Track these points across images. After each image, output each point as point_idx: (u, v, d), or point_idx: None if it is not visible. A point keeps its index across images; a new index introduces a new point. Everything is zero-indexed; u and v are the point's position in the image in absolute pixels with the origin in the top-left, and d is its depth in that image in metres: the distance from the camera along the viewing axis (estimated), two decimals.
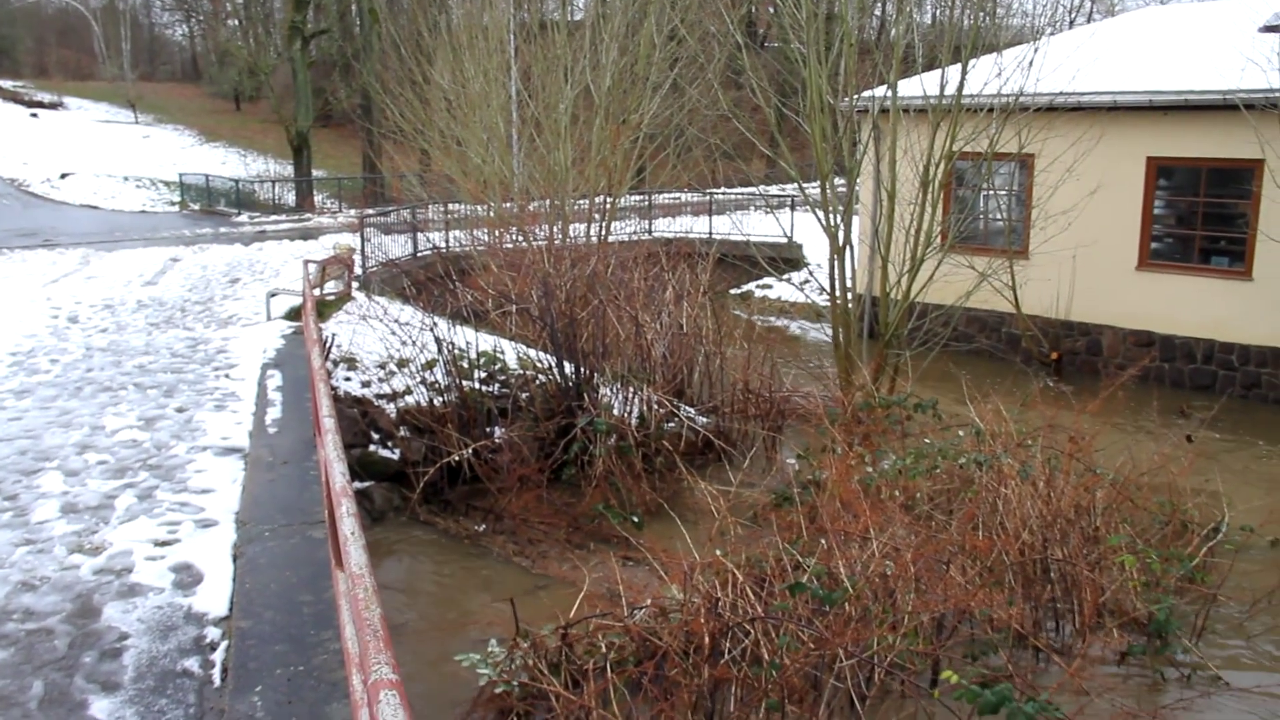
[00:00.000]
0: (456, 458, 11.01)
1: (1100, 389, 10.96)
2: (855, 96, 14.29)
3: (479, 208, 21.07)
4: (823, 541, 7.63)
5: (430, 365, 12.11)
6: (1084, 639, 7.89)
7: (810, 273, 22.25)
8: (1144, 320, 17.72)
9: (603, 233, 19.77)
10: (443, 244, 22.19)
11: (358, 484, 10.94)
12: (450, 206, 23.96)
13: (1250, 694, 7.86)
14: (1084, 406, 9.90)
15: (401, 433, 11.55)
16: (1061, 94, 16.23)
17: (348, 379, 12.19)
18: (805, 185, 14.81)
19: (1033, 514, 8.34)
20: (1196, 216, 17.48)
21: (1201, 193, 17.34)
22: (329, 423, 6.69)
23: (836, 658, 6.69)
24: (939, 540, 7.96)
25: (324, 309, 15.14)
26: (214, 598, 6.45)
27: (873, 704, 7.06)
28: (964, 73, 13.43)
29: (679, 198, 31.57)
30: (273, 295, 16.65)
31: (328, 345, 12.41)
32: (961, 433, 10.15)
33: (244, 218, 36.03)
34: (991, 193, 19.16)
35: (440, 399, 11.83)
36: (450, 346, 12.09)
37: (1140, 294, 17.70)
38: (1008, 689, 6.33)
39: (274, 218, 36.24)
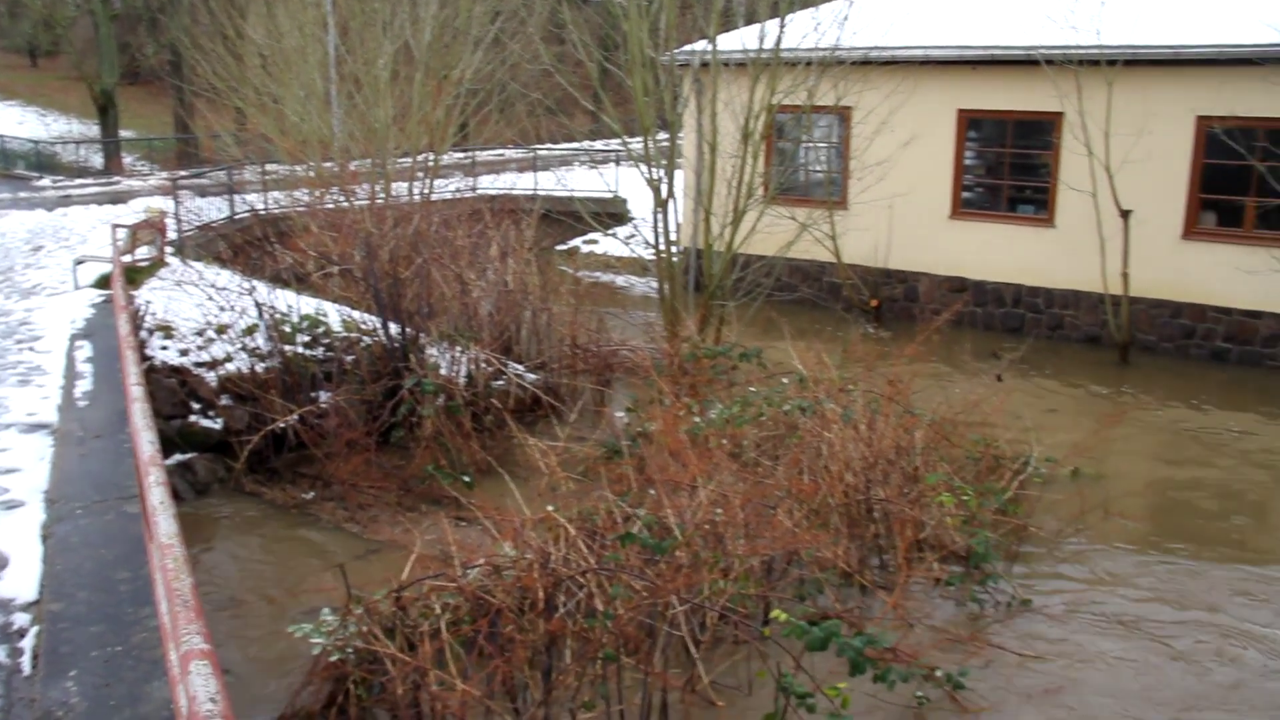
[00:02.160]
0: (282, 425, 10.73)
1: (917, 334, 11.34)
2: (676, 51, 14.37)
3: (298, 167, 20.45)
4: (652, 492, 7.73)
5: (251, 331, 11.76)
6: (906, 573, 8.20)
7: (635, 227, 22.37)
8: (958, 267, 18.41)
9: (426, 191, 19.44)
10: (261, 206, 21.50)
11: (179, 456, 10.58)
12: (268, 167, 23.21)
13: (1057, 613, 8.34)
14: (902, 351, 10.25)
15: (223, 401, 11.20)
16: (876, 48, 16.63)
17: (164, 348, 11.73)
18: (629, 140, 14.84)
19: (855, 456, 8.61)
20: (1004, 167, 18.21)
21: (1008, 144, 18.06)
22: (137, 391, 6.44)
23: (669, 605, 6.79)
24: (766, 485, 8.16)
25: (136, 276, 14.51)
26: (21, 582, 6.14)
27: (707, 648, 7.22)
28: (782, 27, 13.63)
29: (503, 154, 31.28)
30: (80, 263, 15.87)
31: (141, 313, 11.92)
32: (785, 380, 10.38)
33: (46, 181, 34.10)
34: (811, 145, 19.56)
35: (262, 365, 11.50)
36: (271, 311, 11.75)
37: (954, 242, 18.37)
38: (835, 625, 6.54)
39: (79, 181, 34.40)
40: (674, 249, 14.03)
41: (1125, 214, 15.90)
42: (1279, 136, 15.14)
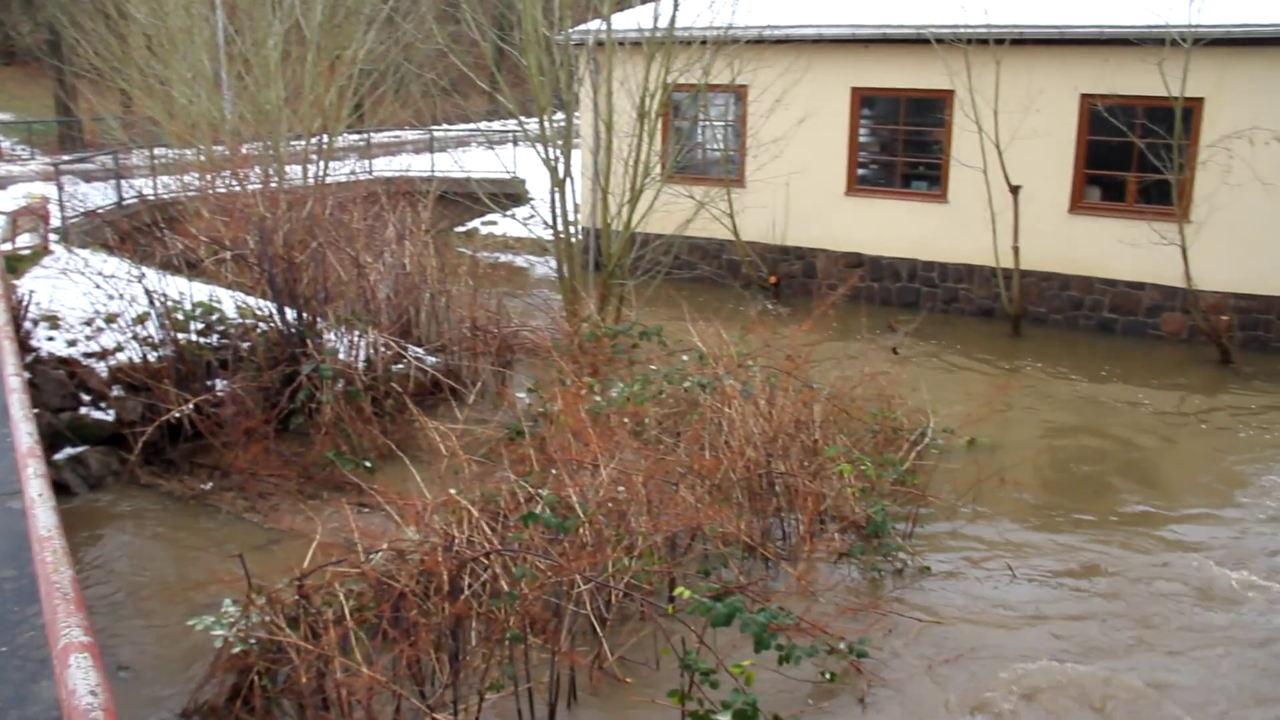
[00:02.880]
0: (177, 414, 10.50)
1: (815, 309, 11.49)
2: (571, 30, 14.34)
3: (188, 151, 19.96)
4: (554, 472, 7.74)
5: (142, 319, 11.48)
6: (808, 545, 8.34)
7: (534, 208, 22.28)
8: (854, 243, 18.68)
9: (320, 174, 19.13)
10: (150, 191, 20.95)
11: (70, 449, 10.29)
12: (156, 151, 22.60)
13: (956, 579, 8.56)
14: (800, 326, 10.38)
15: (115, 392, 10.92)
16: (770, 27, 16.78)
17: (50, 338, 11.38)
18: (525, 120, 14.77)
19: (755, 431, 8.72)
20: (898, 144, 18.51)
21: (901, 121, 18.35)
22: (14, 382, 6.26)
23: (574, 584, 6.83)
24: (668, 462, 8.22)
25: (17, 264, 14.04)
26: None
27: (614, 626, 7.27)
28: (676, 6, 13.66)
29: (400, 136, 30.88)
30: None
31: (24, 303, 11.56)
32: (685, 357, 10.45)
33: None
34: (707, 123, 19.67)
35: (155, 354, 11.23)
36: (162, 298, 11.47)
37: (849, 218, 18.63)
38: (739, 600, 6.63)
39: None
40: (573, 229, 14.02)
41: (1015, 189, 16.27)
42: (1157, 114, 15.59)
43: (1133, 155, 16.24)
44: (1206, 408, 13.63)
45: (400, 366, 11.79)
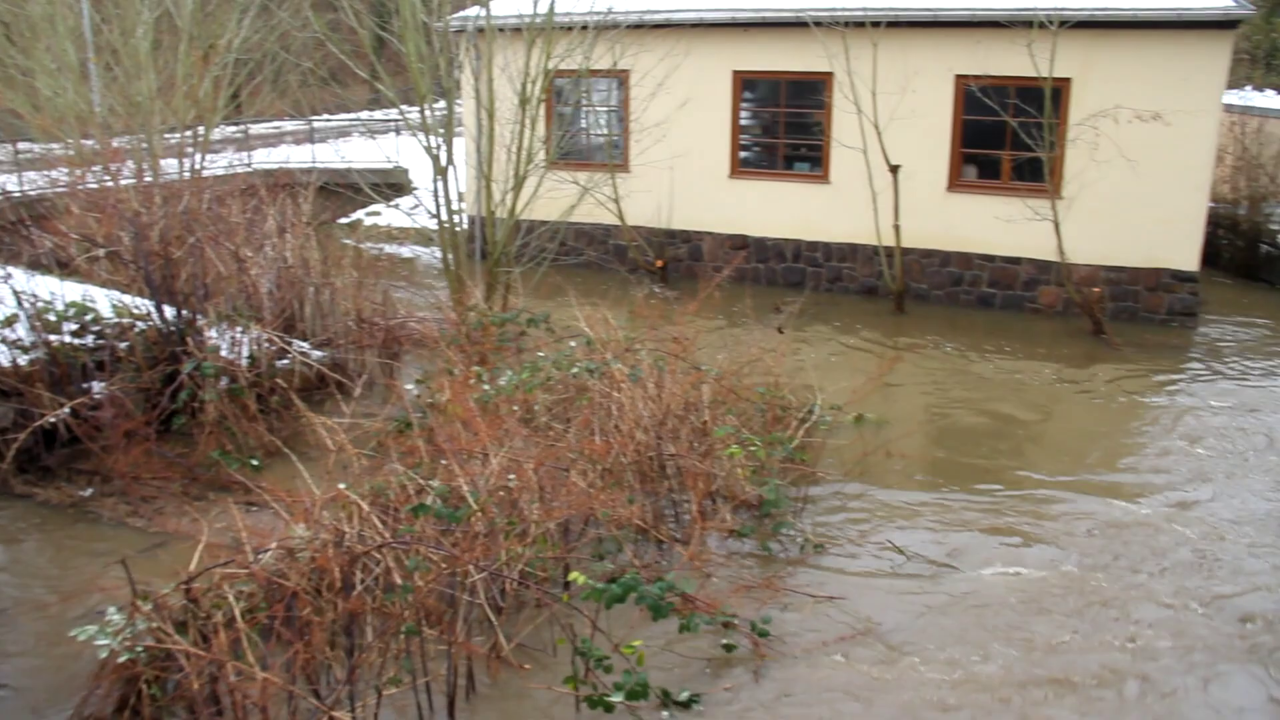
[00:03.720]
0: (51, 419, 10.18)
1: (700, 292, 11.58)
2: (451, 16, 14.19)
3: (54, 145, 19.29)
4: (444, 462, 7.70)
5: (10, 321, 11.08)
6: (701, 525, 8.42)
7: (418, 197, 22.03)
8: (739, 225, 18.86)
9: (196, 167, 18.65)
10: (14, 187, 20.21)
11: None
12: (20, 145, 21.81)
13: (847, 554, 8.73)
14: (686, 309, 10.45)
15: None
16: (650, 11, 16.82)
17: None
18: (406, 109, 14.59)
19: (645, 414, 8.76)
20: (779, 126, 18.71)
21: (782, 104, 18.56)
22: None
23: (468, 574, 6.80)
24: (558, 449, 8.23)
25: None
26: None
27: (510, 614, 7.26)
28: None
29: (279, 127, 30.26)
30: None
31: None
32: (573, 343, 10.46)
33: None
34: (590, 109, 19.66)
35: (26, 357, 10.86)
36: (32, 299, 11.10)
37: (734, 200, 18.80)
38: (634, 576, 6.69)
39: None
40: (457, 217, 13.90)
41: (894, 169, 16.59)
42: (1028, 94, 16.02)
43: (1006, 134, 16.67)
44: (1082, 377, 14.09)
45: (285, 362, 11.58)
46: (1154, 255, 16.60)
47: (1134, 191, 16.20)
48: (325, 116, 29.31)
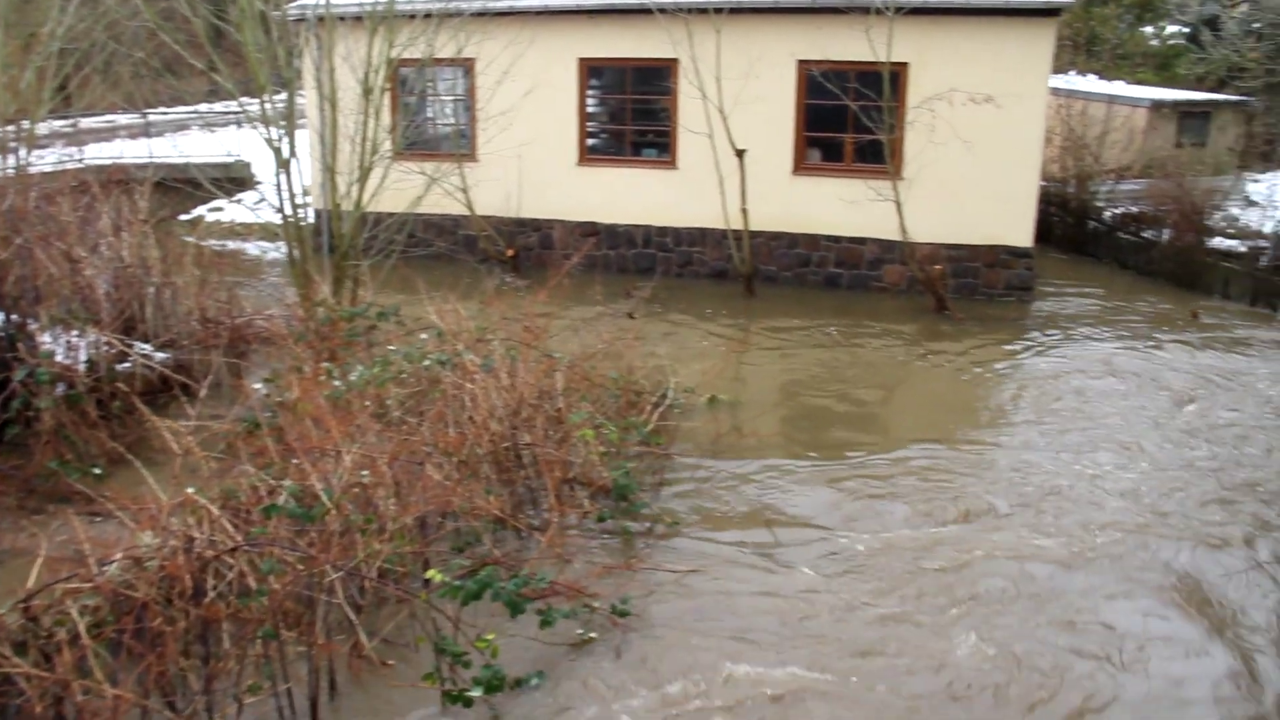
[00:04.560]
0: None
1: (551, 280, 11.58)
2: (289, 4, 13.87)
3: None
4: (296, 461, 7.55)
5: None
6: (559, 512, 8.44)
7: (262, 191, 21.52)
8: (588, 212, 18.90)
9: (21, 163, 17.85)
10: None
11: None
12: None
13: (705, 531, 8.85)
14: (537, 298, 10.44)
15: None
16: None
17: None
18: (247, 101, 14.20)
19: (499, 404, 8.74)
20: (626, 113, 18.80)
21: (629, 90, 18.65)
22: None
23: (325, 574, 6.69)
24: (412, 442, 8.14)
25: None
26: None
27: (370, 612, 7.17)
28: None
29: (112, 121, 29.15)
30: None
31: None
32: (424, 336, 10.36)
33: None
34: (436, 98, 19.45)
35: None
36: None
37: (583, 188, 18.83)
38: (489, 574, 6.67)
39: None
40: (302, 211, 13.62)
41: (740, 153, 16.83)
42: (867, 78, 16.41)
43: (848, 118, 17.05)
44: (928, 352, 14.58)
45: (126, 365, 11.18)
46: (991, 233, 17.22)
47: (970, 172, 16.77)
48: (161, 110, 28.34)
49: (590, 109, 18.95)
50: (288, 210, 13.12)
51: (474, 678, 6.25)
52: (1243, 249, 19.16)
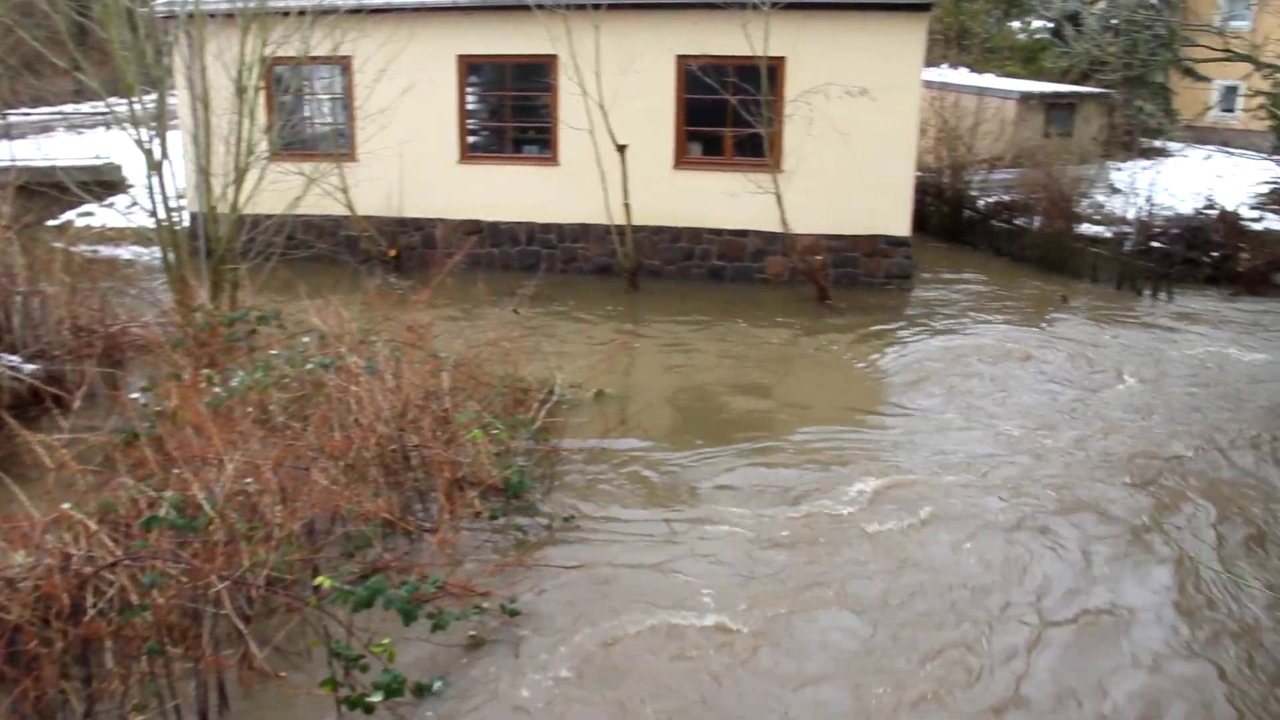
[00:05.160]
0: None
1: (433, 279, 11.50)
2: (156, 0, 13.51)
3: None
4: (177, 471, 7.38)
5: None
6: (450, 512, 8.40)
7: (134, 195, 20.90)
8: (471, 210, 18.79)
9: None
10: None
11: None
12: None
13: (596, 525, 8.91)
14: (419, 298, 10.36)
15: None
16: None
17: None
18: (115, 101, 13.79)
19: (385, 406, 8.65)
20: (506, 109, 18.74)
21: (508, 87, 18.58)
22: None
23: (211, 585, 6.56)
24: (297, 447, 8.03)
25: None
26: None
27: (260, 621, 7.04)
28: None
29: None
30: None
31: None
32: (307, 339, 10.20)
33: None
34: (313, 97, 19.13)
35: None
36: None
37: (465, 186, 18.71)
38: (379, 581, 6.61)
39: None
40: (177, 215, 13.29)
41: (621, 149, 16.89)
42: (745, 72, 16.61)
43: (727, 112, 17.24)
44: (812, 340, 14.87)
45: None
46: (870, 223, 17.58)
47: (848, 164, 17.08)
48: (22, 110, 27.36)
49: (470, 106, 18.83)
50: (161, 214, 12.79)
51: (373, 683, 6.19)
52: (1109, 234, 19.89)
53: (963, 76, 30.53)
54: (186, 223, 16.53)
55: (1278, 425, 11.57)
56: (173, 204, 12.97)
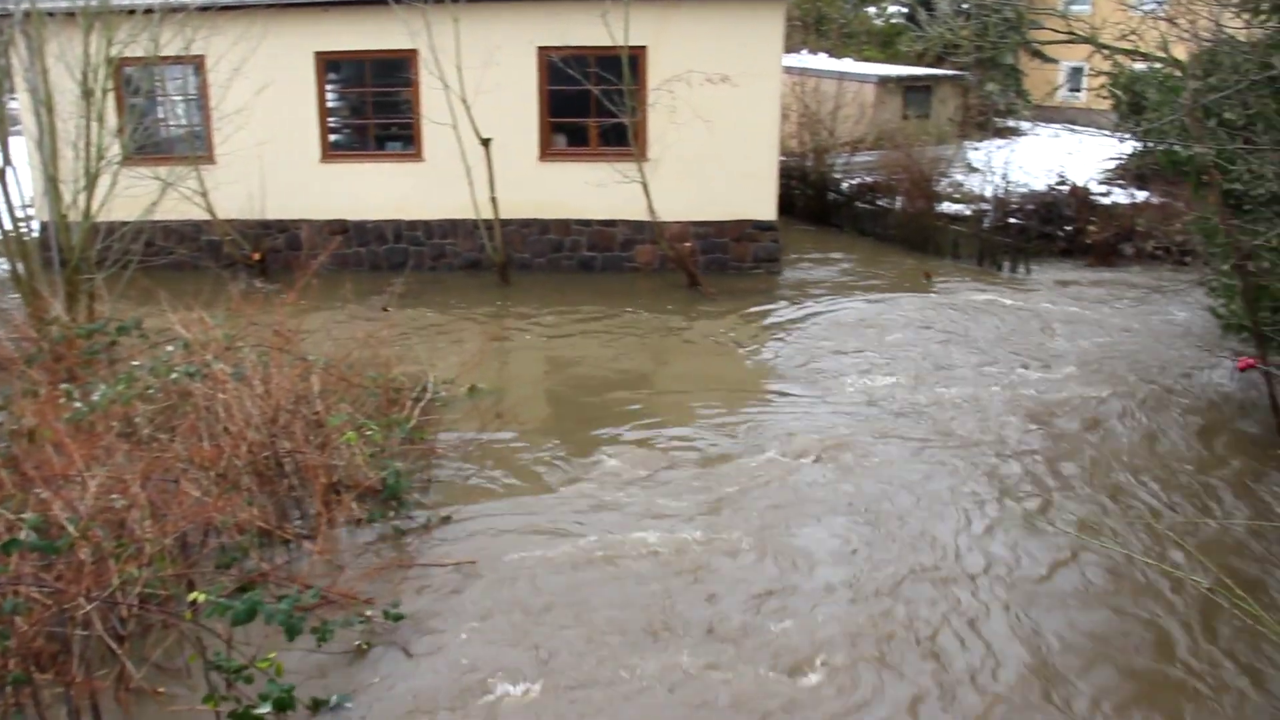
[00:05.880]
0: None
1: (298, 281, 11.29)
2: None
3: None
4: (37, 491, 7.12)
5: None
6: (328, 518, 8.28)
7: None
8: (336, 210, 18.48)
9: None
10: None
11: None
12: None
13: (476, 521, 8.88)
14: (285, 301, 10.16)
15: None
16: None
17: None
18: None
19: (254, 413, 8.48)
20: (368, 106, 18.47)
21: (369, 83, 18.31)
22: None
23: (79, 606, 6.35)
24: (165, 459, 7.82)
25: None
26: None
27: (135, 641, 6.84)
28: None
29: None
30: None
31: None
32: (170, 348, 9.92)
33: None
34: (166, 98, 18.59)
35: None
36: None
37: (328, 185, 18.39)
38: (256, 595, 6.45)
39: None
40: (26, 224, 12.80)
41: (486, 142, 16.78)
42: (607, 62, 16.66)
43: (591, 102, 17.25)
44: (683, 326, 15.04)
45: None
46: (736, 208, 17.81)
47: (712, 150, 17.27)
48: None
49: (331, 104, 18.50)
50: (8, 224, 12.30)
51: (260, 693, 6.05)
52: (968, 212, 20.48)
53: (822, 62, 31.07)
54: (37, 232, 15.98)
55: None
56: (20, 213, 12.49)
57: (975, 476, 9.75)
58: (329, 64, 18.21)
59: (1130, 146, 21.76)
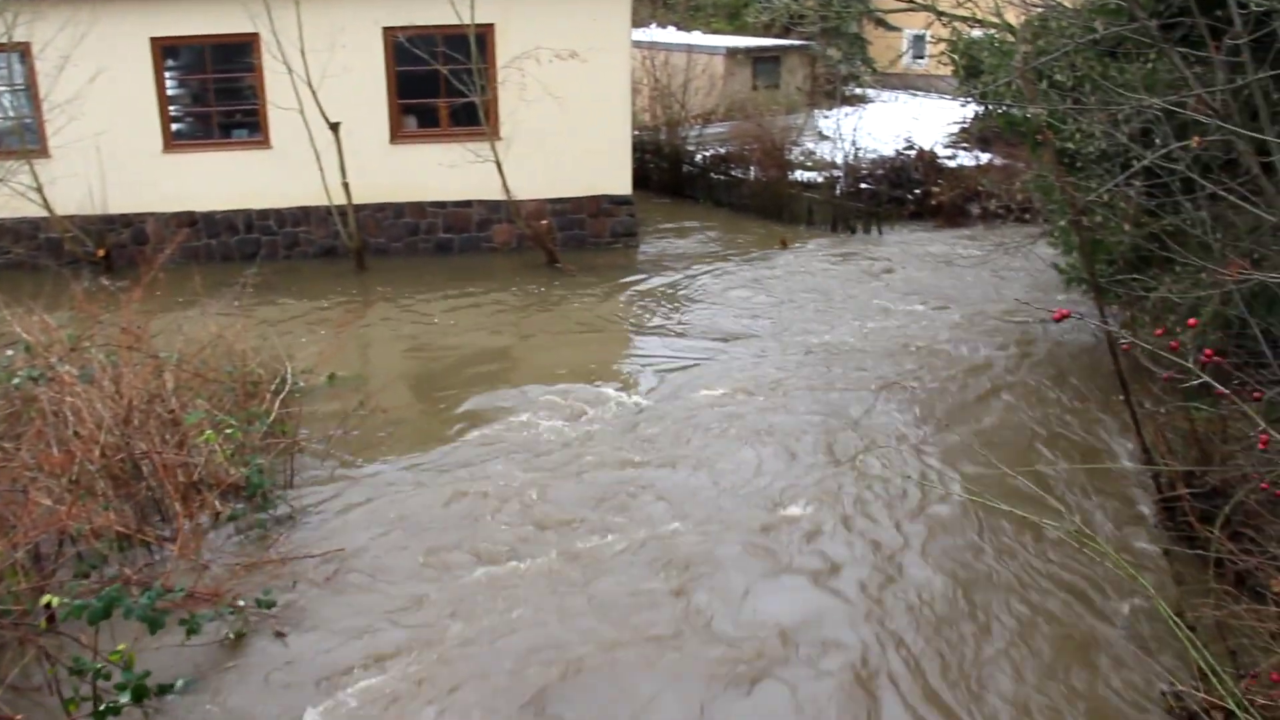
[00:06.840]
0: None
1: (144, 277, 10.98)
2: None
3: None
4: None
5: None
6: (188, 518, 8.11)
7: None
8: (183, 201, 17.91)
9: None
10: None
11: None
12: None
13: (342, 511, 8.85)
14: (131, 296, 9.86)
15: None
16: None
17: None
18: None
19: (106, 414, 8.22)
20: (210, 93, 17.94)
21: (209, 70, 17.78)
22: None
23: None
24: (12, 469, 7.54)
25: None
26: None
27: None
28: None
29: None
30: None
31: None
32: (11, 352, 9.55)
33: None
34: None
35: None
36: None
37: (173, 176, 17.81)
38: (115, 590, 6.33)
39: None
40: None
41: (334, 127, 16.47)
42: (455, 41, 16.49)
43: (440, 82, 17.06)
44: (544, 302, 15.08)
45: None
46: (592, 184, 17.86)
47: (565, 126, 17.26)
48: None
49: (171, 92, 17.88)
50: None
51: (116, 684, 6.04)
52: (820, 179, 20.89)
53: (671, 35, 31.25)
54: None
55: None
56: None
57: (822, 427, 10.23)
58: (166, 50, 17.60)
59: (971, 110, 22.41)
